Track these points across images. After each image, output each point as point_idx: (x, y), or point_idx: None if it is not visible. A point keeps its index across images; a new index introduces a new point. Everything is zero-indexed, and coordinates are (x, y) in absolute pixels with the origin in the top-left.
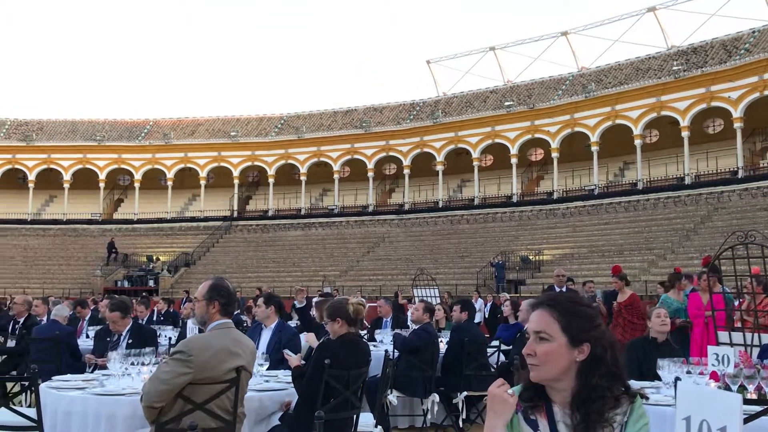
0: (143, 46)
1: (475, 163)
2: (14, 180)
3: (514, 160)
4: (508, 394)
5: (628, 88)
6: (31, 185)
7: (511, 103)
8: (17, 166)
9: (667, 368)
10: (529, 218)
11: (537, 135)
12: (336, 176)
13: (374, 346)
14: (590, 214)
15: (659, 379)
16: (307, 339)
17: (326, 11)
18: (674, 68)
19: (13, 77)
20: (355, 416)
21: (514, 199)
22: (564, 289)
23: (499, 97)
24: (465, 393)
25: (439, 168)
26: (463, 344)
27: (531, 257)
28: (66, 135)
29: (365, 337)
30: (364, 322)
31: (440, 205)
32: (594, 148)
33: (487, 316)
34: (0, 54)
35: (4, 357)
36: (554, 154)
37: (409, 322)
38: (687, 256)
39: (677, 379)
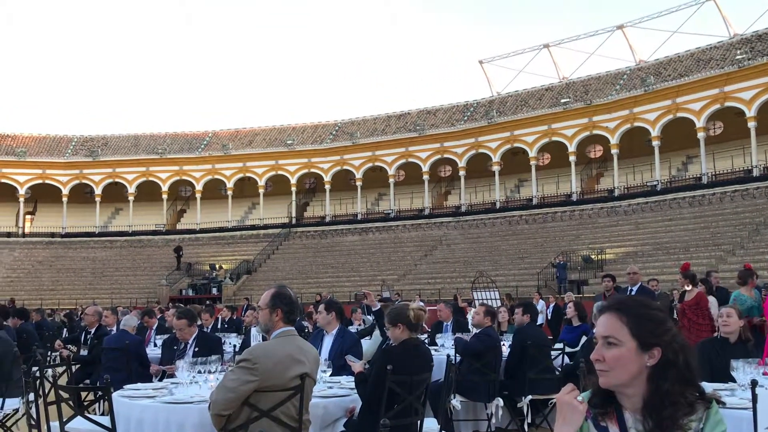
0: (202, 61)
1: (532, 163)
2: (82, 194)
3: (572, 158)
4: (577, 401)
5: (689, 79)
6: (97, 199)
7: (568, 100)
8: (84, 181)
9: (741, 370)
10: (590, 216)
11: (595, 131)
12: (391, 180)
13: (435, 350)
14: (653, 210)
15: (732, 380)
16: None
17: (377, 17)
18: (738, 57)
19: (78, 96)
20: (419, 422)
21: (574, 197)
22: (635, 289)
23: (554, 94)
24: (529, 397)
25: (496, 168)
26: (525, 347)
27: (593, 257)
28: (129, 149)
29: (426, 341)
30: (424, 326)
31: (497, 206)
32: (655, 143)
33: (549, 317)
34: (66, 75)
35: (77, 366)
36: (614, 151)
37: (470, 326)
38: (757, 251)
39: (754, 381)
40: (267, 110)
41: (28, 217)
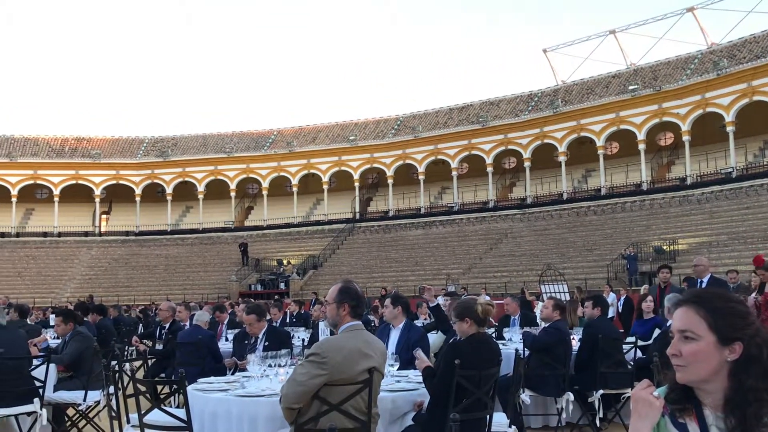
0: (268, 60)
1: (600, 152)
2: (153, 194)
3: (641, 146)
4: (653, 397)
5: (765, 61)
6: (168, 198)
7: (636, 86)
8: (156, 181)
9: None
10: (661, 206)
11: (665, 118)
12: (454, 173)
13: (503, 344)
14: (728, 198)
15: None
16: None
17: (437, 9)
18: None
19: (149, 99)
20: (488, 416)
21: (644, 186)
22: (705, 281)
23: (622, 81)
24: (601, 391)
25: (562, 159)
26: (596, 341)
27: (665, 247)
28: (198, 149)
29: (493, 335)
30: (491, 320)
31: (564, 197)
32: (729, 129)
33: (620, 310)
34: (137, 78)
35: (153, 360)
36: (685, 137)
37: (538, 320)
38: None
39: None
40: (330, 107)
41: (104, 216)
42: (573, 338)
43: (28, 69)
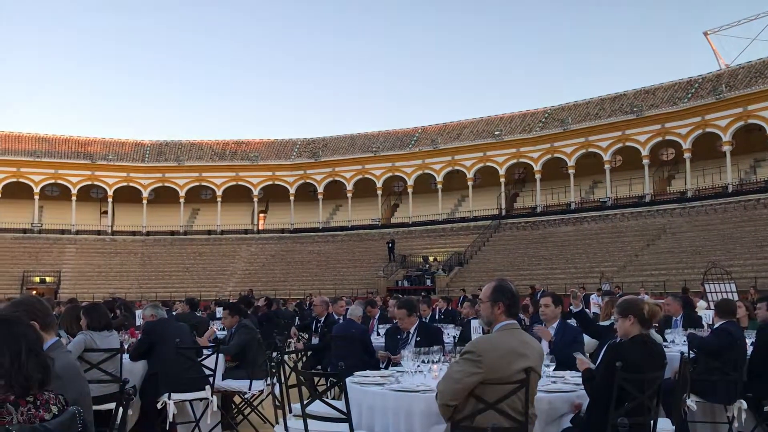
0: (411, 59)
1: None
2: (306, 193)
3: None
4: None
5: None
6: (320, 197)
7: None
8: (308, 180)
9: None
10: None
11: None
12: (606, 166)
13: (666, 347)
14: None
15: None
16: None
17: None
18: None
19: (301, 102)
20: (651, 422)
21: None
22: None
23: None
24: None
25: (726, 148)
26: None
27: None
28: (346, 149)
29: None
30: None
31: (730, 189)
32: None
33: None
34: (289, 83)
35: (309, 353)
36: None
37: (703, 321)
38: None
39: None
40: (474, 102)
41: (261, 215)
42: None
43: (194, 80)
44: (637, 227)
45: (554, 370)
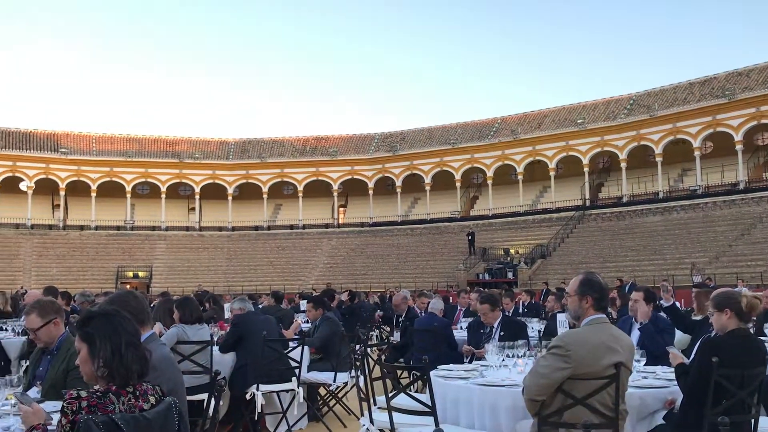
0: (488, 48)
1: None
2: (384, 186)
3: None
4: None
5: None
6: (398, 190)
7: None
8: (386, 174)
9: None
10: None
11: None
12: (696, 153)
13: (766, 342)
14: None
15: None
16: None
17: None
18: None
19: (378, 96)
20: (752, 420)
21: None
22: None
23: None
24: None
25: None
26: None
27: None
28: (424, 142)
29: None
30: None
31: None
32: None
33: None
34: (366, 78)
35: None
36: None
37: None
38: None
39: None
40: (555, 90)
41: (341, 209)
42: None
43: (275, 79)
44: (730, 216)
45: (645, 365)
